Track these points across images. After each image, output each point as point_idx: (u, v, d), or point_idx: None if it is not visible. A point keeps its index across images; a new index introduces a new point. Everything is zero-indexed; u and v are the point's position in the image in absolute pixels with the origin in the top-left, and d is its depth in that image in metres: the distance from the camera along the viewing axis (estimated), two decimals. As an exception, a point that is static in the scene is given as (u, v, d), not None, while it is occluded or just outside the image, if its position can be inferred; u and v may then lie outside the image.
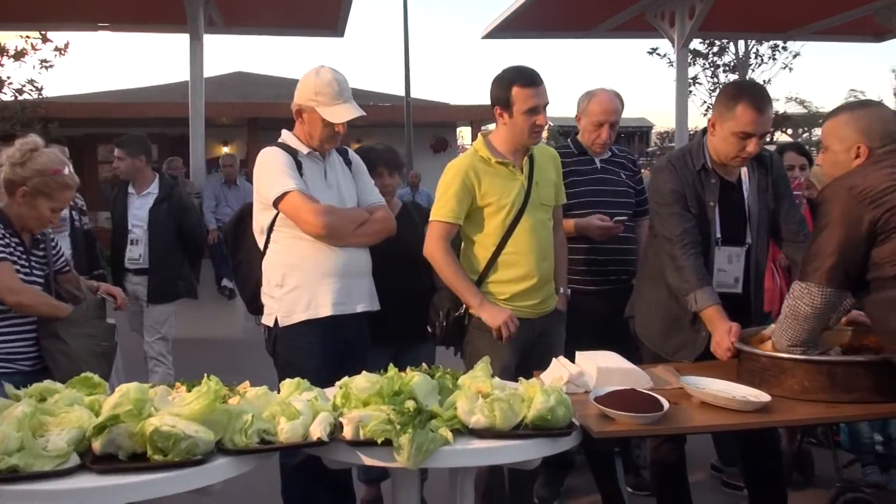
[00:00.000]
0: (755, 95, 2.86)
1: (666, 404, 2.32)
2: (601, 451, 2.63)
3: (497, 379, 2.31)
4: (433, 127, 20.70)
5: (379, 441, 2.05)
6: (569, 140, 3.98)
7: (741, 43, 20.31)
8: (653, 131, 38.80)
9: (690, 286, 2.87)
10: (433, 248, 3.09)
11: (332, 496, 3.20)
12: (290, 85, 3.10)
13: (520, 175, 3.12)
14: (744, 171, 3.07)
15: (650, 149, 33.23)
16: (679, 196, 2.98)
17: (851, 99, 23.00)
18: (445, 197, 3.09)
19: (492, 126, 3.31)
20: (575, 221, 3.65)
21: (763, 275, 3.23)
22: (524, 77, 3.04)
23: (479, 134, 3.21)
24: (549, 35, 10.76)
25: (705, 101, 20.87)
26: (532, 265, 3.09)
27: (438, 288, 3.20)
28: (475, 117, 19.10)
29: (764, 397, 2.39)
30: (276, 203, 2.97)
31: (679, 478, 3.23)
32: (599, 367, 2.61)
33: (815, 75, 79.04)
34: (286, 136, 3.14)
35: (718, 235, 3.03)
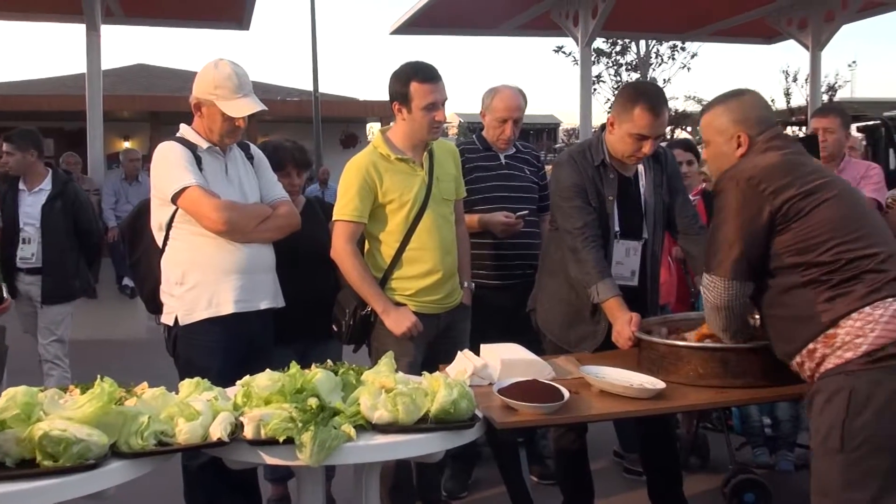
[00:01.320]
0: (652, 99, 2.94)
1: (566, 394, 2.38)
2: (505, 442, 2.67)
3: (401, 374, 2.32)
4: (342, 122, 20.56)
5: (280, 439, 2.03)
6: (474, 136, 4.03)
7: (642, 43, 20.95)
8: (560, 128, 39.59)
9: (592, 278, 2.94)
10: (340, 251, 3.06)
11: (238, 497, 3.14)
12: (194, 78, 3.02)
13: (420, 171, 3.13)
14: (640, 167, 3.17)
15: (558, 145, 33.81)
16: (580, 190, 3.04)
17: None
18: (348, 195, 3.06)
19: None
20: (479, 217, 3.70)
21: (659, 268, 3.34)
22: (423, 72, 3.04)
23: (377, 130, 3.20)
24: (457, 32, 10.84)
25: (609, 99, 21.48)
26: (436, 260, 3.11)
27: (343, 285, 3.18)
28: (385, 113, 19.03)
29: (659, 384, 2.47)
30: (174, 199, 2.89)
31: (581, 465, 3.31)
32: (503, 360, 2.65)
33: (711, 75, 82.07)
34: (185, 130, 3.06)
35: (617, 229, 3.11)
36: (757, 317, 2.52)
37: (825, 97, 20.02)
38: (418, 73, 3.04)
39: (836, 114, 4.06)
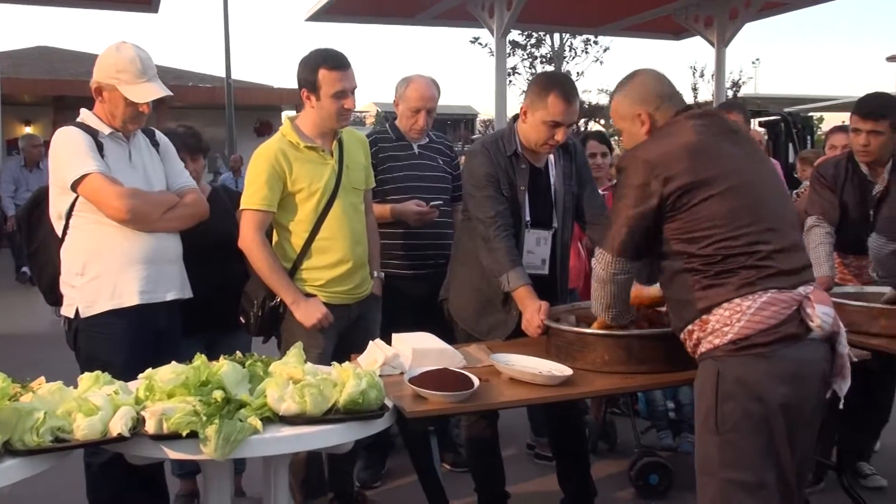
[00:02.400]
0: (565, 87, 2.99)
1: (476, 382, 2.40)
2: (416, 431, 2.69)
3: (309, 365, 2.30)
4: (257, 110, 20.19)
5: (184, 433, 1.98)
6: (387, 125, 4.01)
7: (557, 36, 21.26)
8: (478, 119, 39.79)
9: (503, 267, 2.97)
10: (249, 241, 3.00)
11: (144, 494, 3.06)
12: (99, 62, 2.91)
13: (330, 159, 3.10)
14: (550, 157, 3.21)
15: (475, 136, 34.04)
16: (493, 179, 3.06)
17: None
18: (256, 184, 3.00)
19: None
20: (391, 206, 3.69)
21: (568, 257, 3.40)
22: (332, 60, 3.00)
23: (285, 118, 3.15)
24: (374, 20, 10.78)
25: (524, 91, 21.71)
26: (346, 250, 3.08)
27: (251, 275, 3.12)
28: (300, 101, 18.76)
29: (567, 371, 2.53)
30: (74, 186, 2.78)
31: (492, 452, 3.35)
32: (414, 349, 2.66)
33: (623, 69, 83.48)
34: (85, 115, 2.95)
35: (528, 219, 3.15)
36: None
37: (730, 93, 20.75)
38: (327, 61, 3.00)
39: (738, 110, 4.20)
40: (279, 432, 2.09)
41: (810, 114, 16.37)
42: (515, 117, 3.18)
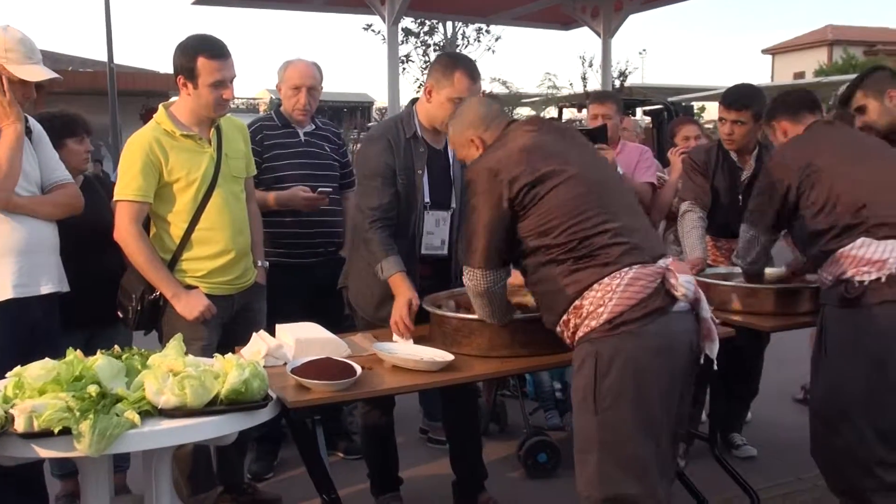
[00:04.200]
0: (469, 65, 3.04)
1: (359, 370, 2.42)
2: (301, 421, 2.68)
3: (190, 357, 2.26)
4: (142, 95, 19.43)
5: (56, 430, 1.92)
6: (272, 112, 3.96)
7: (449, 24, 21.37)
8: (374, 106, 39.58)
9: (377, 256, 2.99)
10: (125, 233, 2.91)
11: (20, 497, 2.93)
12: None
13: (208, 147, 3.03)
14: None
15: (371, 123, 33.86)
16: (384, 169, 3.04)
17: (548, 82, 25.14)
18: (130, 174, 2.91)
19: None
20: (275, 195, 3.65)
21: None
22: (212, 48, 2.94)
23: (160, 105, 3.06)
24: (264, 5, 10.54)
25: (418, 79, 21.74)
26: (228, 240, 3.03)
27: (128, 268, 3.03)
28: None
29: (448, 357, 2.58)
30: None
31: (386, 439, 3.38)
32: (298, 339, 2.66)
33: (516, 59, 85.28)
34: None
35: (427, 200, 3.15)
36: None
37: (617, 82, 21.37)
38: (207, 49, 2.93)
39: (612, 100, 4.33)
40: (158, 426, 2.06)
41: (692, 103, 17.09)
42: (413, 101, 3.20)
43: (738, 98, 3.67)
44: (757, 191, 3.16)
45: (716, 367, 2.42)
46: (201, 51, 2.92)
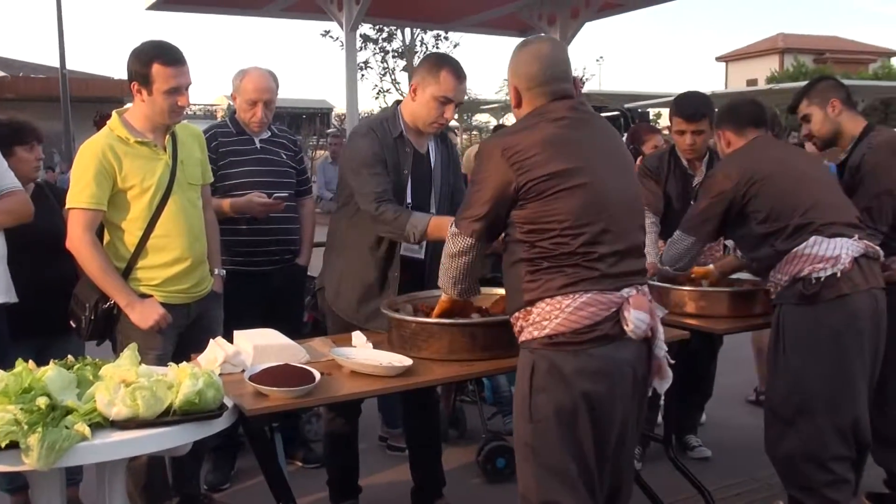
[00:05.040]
0: (455, 65, 3.03)
1: (318, 376, 2.41)
2: (259, 429, 2.65)
3: (144, 366, 2.22)
4: (96, 102, 19.11)
5: (2, 444, 1.88)
6: (227, 119, 3.92)
7: (408, 31, 21.39)
8: (333, 112, 39.44)
9: (401, 221, 2.91)
10: (78, 241, 2.85)
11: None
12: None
13: (163, 154, 2.99)
14: (431, 145, 3.24)
15: (330, 130, 33.72)
16: (380, 159, 3.02)
17: (506, 88, 25.28)
18: (83, 181, 2.85)
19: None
20: (230, 202, 3.61)
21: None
22: (167, 54, 2.90)
23: (113, 112, 3.01)
24: (219, 10, 10.41)
25: (377, 85, 21.74)
26: (184, 247, 2.99)
27: (81, 277, 2.97)
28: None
29: (406, 361, 2.57)
30: None
31: (348, 448, 3.37)
32: (255, 345, 2.63)
33: (474, 65, 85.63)
34: None
35: (409, 202, 3.13)
36: None
37: (575, 89, 21.51)
38: (161, 55, 2.89)
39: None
40: (110, 438, 2.02)
41: (648, 109, 17.35)
42: (397, 102, 3.19)
43: (697, 108, 3.72)
44: (699, 200, 3.22)
45: (662, 402, 2.44)
46: (156, 57, 2.88)
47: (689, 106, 3.75)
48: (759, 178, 2.98)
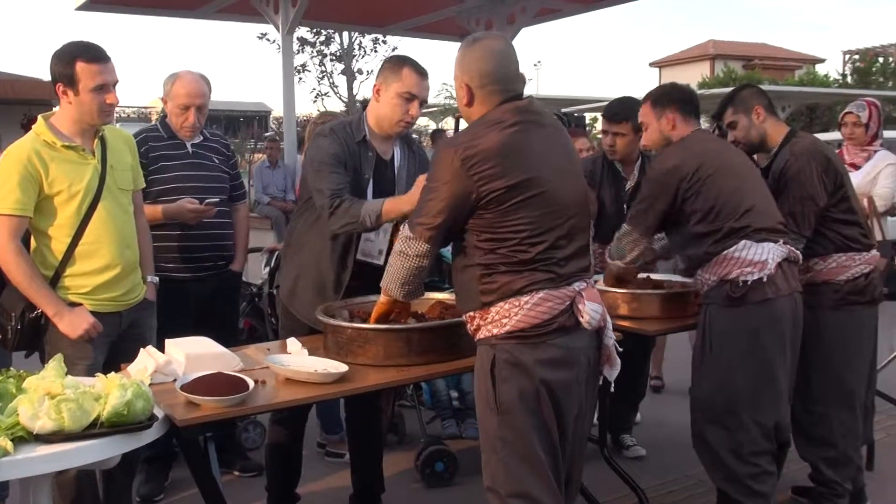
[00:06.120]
0: (417, 64, 3.05)
1: (251, 384, 2.38)
2: (191, 439, 2.60)
3: (70, 378, 2.16)
4: (24, 104, 18.53)
5: (-82, 462, 1.81)
6: (157, 123, 3.85)
7: (346, 34, 21.25)
8: (271, 115, 38.99)
9: (355, 209, 2.90)
10: (3, 249, 2.75)
11: None
12: None
13: (91, 159, 2.91)
14: (396, 150, 3.23)
15: (268, 133, 33.33)
16: (341, 160, 3.01)
17: (445, 92, 25.39)
18: (7, 187, 2.76)
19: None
20: (163, 207, 3.55)
21: None
22: (89, 52, 2.83)
23: (39, 116, 2.93)
24: (150, 12, 10.20)
25: (314, 88, 21.51)
26: (114, 254, 2.92)
27: (7, 286, 2.88)
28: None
29: (342, 368, 2.56)
30: None
31: (289, 456, 3.34)
32: (188, 354, 2.58)
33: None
34: None
35: None
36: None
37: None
38: (84, 53, 2.82)
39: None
40: (34, 452, 1.96)
41: (585, 114, 17.59)
42: (364, 106, 3.19)
43: (619, 111, 3.84)
44: (642, 193, 3.25)
45: (612, 390, 2.52)
46: (79, 55, 2.81)
47: (613, 108, 3.91)
48: (703, 175, 2.99)
